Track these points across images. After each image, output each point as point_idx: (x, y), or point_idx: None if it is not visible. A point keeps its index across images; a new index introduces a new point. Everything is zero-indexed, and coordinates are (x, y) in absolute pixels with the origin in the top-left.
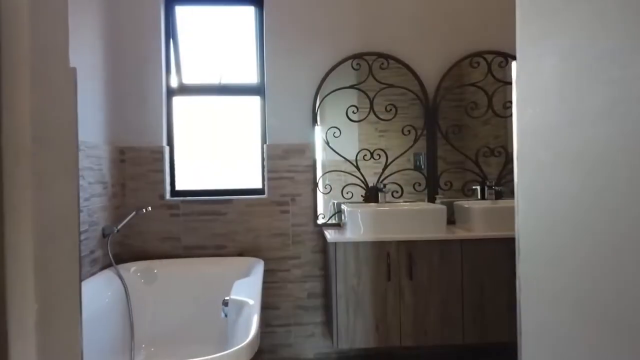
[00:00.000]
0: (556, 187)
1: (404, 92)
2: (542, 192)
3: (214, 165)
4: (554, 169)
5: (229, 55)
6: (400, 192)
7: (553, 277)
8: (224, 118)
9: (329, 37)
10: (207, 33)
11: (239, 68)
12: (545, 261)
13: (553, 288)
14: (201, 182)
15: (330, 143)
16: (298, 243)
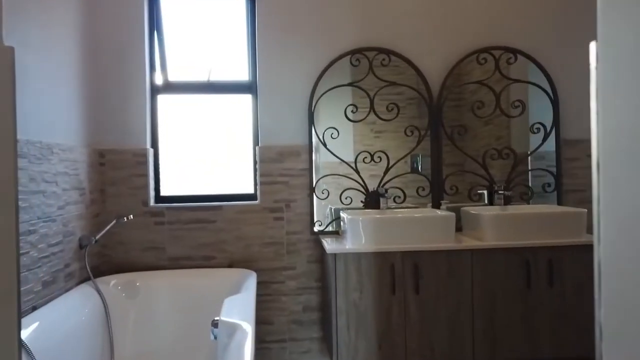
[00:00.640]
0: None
1: (406, 90)
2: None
3: (202, 169)
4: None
5: (218, 50)
6: (402, 198)
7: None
8: (213, 118)
9: (327, 31)
10: (194, 26)
11: (229, 64)
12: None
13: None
14: (188, 187)
15: (327, 145)
16: (293, 252)
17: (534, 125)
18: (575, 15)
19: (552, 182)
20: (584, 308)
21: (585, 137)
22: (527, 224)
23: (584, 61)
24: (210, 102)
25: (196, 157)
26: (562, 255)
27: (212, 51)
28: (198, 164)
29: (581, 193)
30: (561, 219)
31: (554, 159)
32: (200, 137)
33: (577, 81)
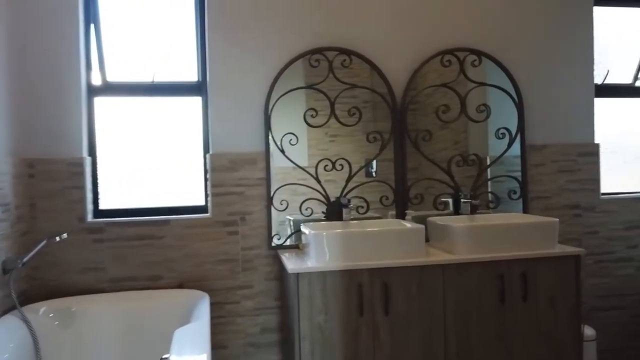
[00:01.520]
0: None
1: (368, 93)
2: None
3: (146, 179)
4: None
5: (164, 48)
6: (365, 208)
7: None
8: (159, 123)
9: (284, 29)
10: (137, 19)
11: (175, 63)
12: None
13: None
14: (131, 200)
15: (285, 152)
16: (249, 270)
17: (499, 130)
18: (540, 18)
19: (517, 188)
20: (559, 323)
21: (551, 142)
22: (500, 236)
23: (549, 65)
24: (155, 105)
25: (140, 167)
26: (535, 268)
27: (156, 48)
28: (142, 174)
29: (546, 200)
30: (534, 229)
31: (515, 164)
32: (144, 144)
33: (542, 85)
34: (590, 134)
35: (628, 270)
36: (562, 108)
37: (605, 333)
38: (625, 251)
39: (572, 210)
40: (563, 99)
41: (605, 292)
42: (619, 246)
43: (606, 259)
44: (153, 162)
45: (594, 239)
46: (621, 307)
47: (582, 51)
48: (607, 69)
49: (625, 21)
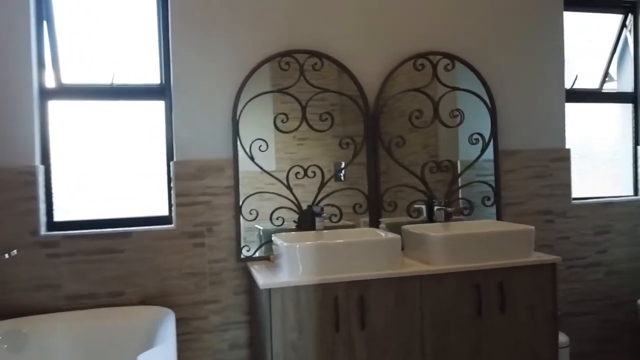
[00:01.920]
0: None
1: (340, 98)
2: None
3: (106, 189)
4: None
5: (124, 48)
6: (338, 216)
7: None
8: (119, 128)
9: (253, 30)
10: (95, 18)
11: (137, 65)
12: None
13: None
14: (89, 211)
15: (255, 158)
16: (217, 284)
17: (473, 135)
18: (513, 23)
19: (490, 194)
20: (536, 332)
21: (523, 148)
22: (477, 245)
23: (521, 70)
24: (115, 110)
25: (98, 176)
26: (512, 277)
27: (116, 48)
28: (101, 183)
29: (519, 206)
30: (510, 237)
31: (485, 168)
32: (103, 151)
33: (515, 90)
34: (562, 139)
35: (598, 275)
36: (534, 113)
37: (577, 338)
38: (595, 256)
39: (544, 215)
40: (535, 104)
41: (576, 298)
42: (589, 251)
43: (577, 264)
44: (113, 170)
45: (565, 245)
46: (591, 312)
47: (553, 56)
48: (576, 74)
49: (593, 26)
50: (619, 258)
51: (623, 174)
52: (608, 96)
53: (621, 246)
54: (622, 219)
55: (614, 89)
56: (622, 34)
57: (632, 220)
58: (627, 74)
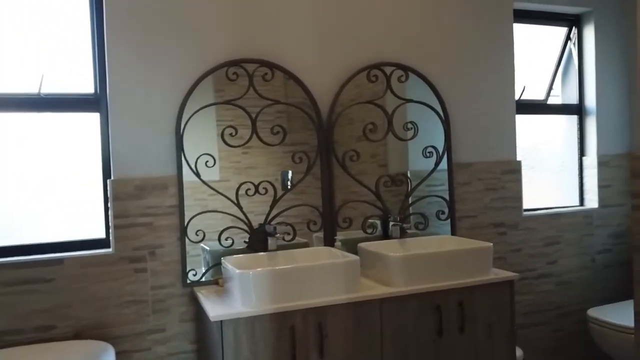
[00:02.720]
0: None
1: (292, 110)
2: None
3: (32, 211)
4: None
5: (53, 54)
6: (292, 234)
7: None
8: (48, 143)
9: (198, 37)
10: (20, 21)
11: (68, 72)
12: None
13: None
14: (13, 235)
15: (201, 175)
16: (161, 311)
17: (427, 148)
18: (465, 35)
19: (445, 208)
20: (495, 351)
21: (476, 160)
22: (437, 264)
23: (473, 82)
24: (43, 122)
25: (23, 196)
26: (472, 296)
27: (44, 55)
28: (26, 204)
29: (473, 219)
30: (469, 255)
31: (437, 179)
32: (29, 168)
33: (467, 102)
34: (513, 151)
35: (548, 286)
36: (486, 125)
37: (530, 350)
38: (546, 267)
39: (497, 228)
40: (487, 116)
41: (527, 309)
42: (540, 262)
43: (529, 276)
44: (41, 190)
45: (517, 257)
46: (543, 322)
47: (504, 68)
48: (523, 85)
49: (539, 38)
50: (568, 268)
51: (569, 185)
52: (554, 108)
53: (570, 256)
54: (570, 229)
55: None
56: (566, 46)
57: (579, 231)
58: (572, 86)
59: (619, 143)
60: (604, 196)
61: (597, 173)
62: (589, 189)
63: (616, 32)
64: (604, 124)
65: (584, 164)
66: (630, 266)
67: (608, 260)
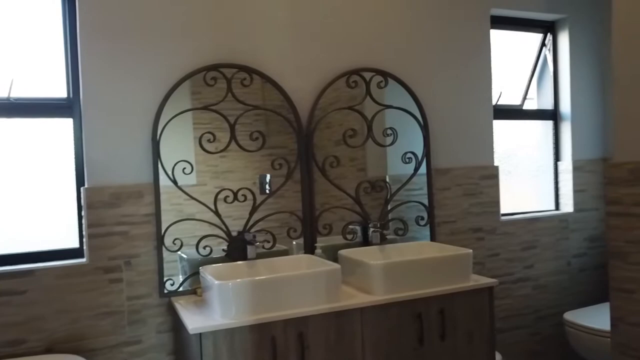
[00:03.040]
0: None
1: (272, 116)
2: None
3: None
4: None
5: (24, 57)
6: (271, 242)
7: None
8: (18, 150)
9: (175, 40)
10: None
11: (39, 76)
12: None
13: None
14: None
15: (179, 182)
16: (137, 322)
17: (406, 154)
18: (443, 40)
19: (424, 214)
20: (475, 357)
21: (455, 166)
22: (418, 272)
23: (452, 88)
24: (13, 128)
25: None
26: (453, 303)
27: (14, 57)
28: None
29: (452, 224)
30: (450, 262)
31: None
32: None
33: (446, 108)
34: (490, 156)
35: (526, 290)
36: (465, 130)
37: (508, 354)
38: (523, 271)
39: (475, 233)
40: (465, 122)
41: (506, 314)
42: (517, 267)
43: (507, 280)
44: (11, 197)
45: (495, 261)
46: (521, 326)
47: (482, 74)
48: (500, 90)
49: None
50: (545, 272)
51: (545, 189)
52: (530, 113)
53: (546, 260)
54: (547, 233)
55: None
56: (542, 52)
57: (555, 235)
58: (547, 91)
59: (593, 148)
60: (578, 201)
61: (572, 178)
62: (564, 194)
63: (590, 38)
64: (579, 129)
65: (559, 169)
66: (605, 269)
67: (583, 263)
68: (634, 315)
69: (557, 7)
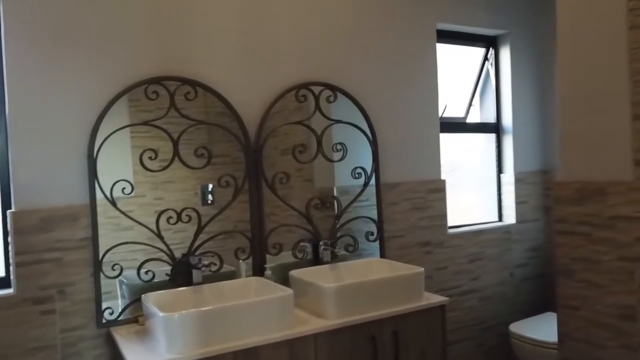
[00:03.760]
0: None
1: (218, 131)
2: None
3: None
4: None
5: None
6: (218, 264)
7: None
8: None
9: (114, 52)
10: None
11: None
12: None
13: None
14: None
15: (118, 203)
16: (72, 356)
17: (356, 169)
18: (390, 54)
19: (374, 229)
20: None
21: (403, 180)
22: (371, 293)
23: (399, 102)
24: None
25: None
26: (406, 324)
27: None
28: None
29: (401, 239)
30: (402, 282)
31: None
32: None
33: (394, 122)
34: (437, 170)
35: (472, 302)
36: (412, 144)
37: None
38: (470, 283)
39: (423, 247)
40: (413, 136)
41: (453, 326)
42: (464, 279)
43: (454, 293)
44: None
45: (443, 275)
46: (468, 338)
47: (428, 87)
48: (445, 104)
49: (458, 58)
50: (490, 283)
51: (489, 201)
52: (473, 126)
53: (491, 272)
54: (491, 245)
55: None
56: (484, 66)
57: (499, 246)
58: (490, 105)
59: (533, 161)
60: (520, 212)
61: (515, 190)
62: (507, 205)
63: (530, 53)
64: (520, 142)
65: (502, 181)
66: (546, 279)
67: (526, 273)
68: (579, 331)
69: (499, 23)
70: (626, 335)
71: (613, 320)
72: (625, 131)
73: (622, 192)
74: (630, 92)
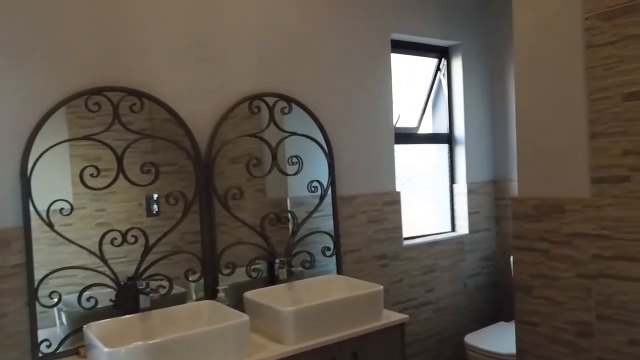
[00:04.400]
0: None
1: (166, 145)
2: None
3: None
4: None
5: None
6: (167, 287)
7: None
8: None
9: (50, 60)
10: None
11: None
12: None
13: None
14: None
15: (55, 225)
16: None
17: (312, 183)
18: (346, 64)
19: (330, 244)
20: None
21: (359, 193)
22: (330, 315)
23: (354, 113)
24: None
25: None
26: (366, 344)
27: None
28: None
29: (357, 252)
30: (361, 301)
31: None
32: None
33: (349, 134)
34: (392, 181)
35: (427, 314)
36: (367, 156)
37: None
38: (424, 295)
39: (380, 260)
40: (368, 147)
41: (410, 339)
42: (419, 291)
43: (410, 306)
44: None
45: (398, 288)
46: (423, 350)
47: (383, 98)
48: (398, 114)
49: (413, 67)
50: (444, 294)
51: (442, 212)
52: (426, 137)
53: (445, 282)
54: (445, 256)
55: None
56: (437, 77)
57: (453, 257)
58: (443, 115)
59: (484, 171)
60: (473, 222)
61: (467, 200)
62: (460, 215)
63: (481, 64)
64: (472, 152)
65: (454, 192)
66: (498, 288)
67: (478, 283)
68: (538, 348)
69: (450, 34)
70: (584, 351)
71: (571, 337)
72: (582, 148)
73: (579, 210)
74: (588, 110)
